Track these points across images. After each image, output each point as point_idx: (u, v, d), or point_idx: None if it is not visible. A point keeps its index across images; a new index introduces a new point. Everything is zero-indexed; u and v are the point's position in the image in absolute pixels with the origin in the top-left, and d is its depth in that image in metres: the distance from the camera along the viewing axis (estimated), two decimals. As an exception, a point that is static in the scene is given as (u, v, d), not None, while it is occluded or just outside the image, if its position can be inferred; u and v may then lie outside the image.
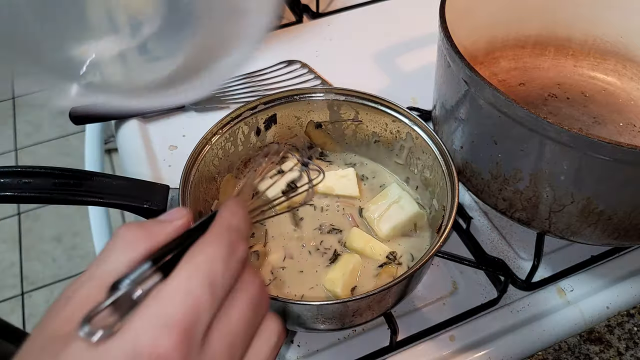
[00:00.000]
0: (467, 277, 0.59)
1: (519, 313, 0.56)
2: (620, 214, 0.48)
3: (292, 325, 0.49)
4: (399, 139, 0.58)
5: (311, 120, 0.61)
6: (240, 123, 0.58)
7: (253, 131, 0.59)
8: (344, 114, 0.60)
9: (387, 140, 0.60)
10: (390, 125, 0.58)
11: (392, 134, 0.59)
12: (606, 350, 0.54)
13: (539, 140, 0.46)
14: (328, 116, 0.60)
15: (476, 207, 0.66)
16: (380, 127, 0.60)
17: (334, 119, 0.60)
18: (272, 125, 0.60)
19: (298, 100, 0.59)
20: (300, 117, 0.60)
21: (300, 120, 0.61)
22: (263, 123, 0.59)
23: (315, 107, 0.60)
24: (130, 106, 0.35)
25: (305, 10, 0.95)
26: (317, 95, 0.59)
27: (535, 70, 0.72)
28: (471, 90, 0.49)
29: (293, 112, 0.60)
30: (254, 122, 0.59)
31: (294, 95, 0.59)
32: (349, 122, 0.60)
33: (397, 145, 0.59)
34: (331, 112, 0.60)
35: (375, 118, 0.59)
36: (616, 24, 0.68)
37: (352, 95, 0.58)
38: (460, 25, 0.54)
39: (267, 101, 0.58)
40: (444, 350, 0.54)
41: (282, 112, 0.59)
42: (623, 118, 0.67)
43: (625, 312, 0.57)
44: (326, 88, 0.59)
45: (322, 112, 0.60)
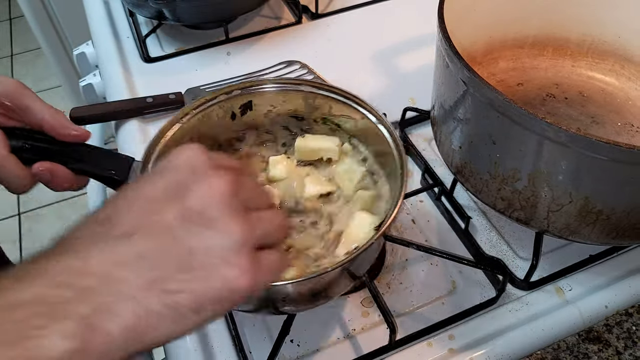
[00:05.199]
0: (465, 277, 0.60)
1: (517, 312, 0.57)
2: (619, 213, 0.48)
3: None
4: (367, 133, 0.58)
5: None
6: (214, 106, 0.58)
7: (228, 115, 0.60)
8: (318, 106, 0.60)
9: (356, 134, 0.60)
10: (360, 122, 0.58)
11: (359, 129, 0.59)
12: (605, 349, 0.54)
13: (537, 140, 0.46)
14: (303, 107, 0.60)
15: (475, 206, 0.66)
16: (351, 124, 0.60)
17: (308, 111, 0.61)
18: (248, 111, 0.60)
19: (274, 90, 0.59)
20: (276, 107, 0.61)
21: (276, 109, 0.61)
22: (239, 108, 0.60)
23: (290, 98, 0.60)
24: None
25: (305, 11, 0.95)
26: (292, 87, 0.59)
27: (534, 70, 0.72)
28: (470, 90, 0.50)
29: (269, 101, 0.60)
30: (229, 107, 0.59)
31: (269, 84, 0.59)
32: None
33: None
34: (306, 104, 0.60)
35: (347, 113, 0.59)
36: (614, 24, 0.68)
37: (327, 90, 0.58)
38: (458, 26, 0.54)
39: (243, 87, 0.59)
40: (443, 349, 0.54)
41: (257, 100, 0.60)
42: (621, 118, 0.67)
43: (623, 311, 0.57)
44: (302, 80, 0.59)
45: (297, 103, 0.60)
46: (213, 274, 0.31)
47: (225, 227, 0.32)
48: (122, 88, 0.82)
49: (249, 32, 0.92)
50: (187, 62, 0.87)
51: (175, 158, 0.35)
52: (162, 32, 0.92)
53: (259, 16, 0.96)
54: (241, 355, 0.54)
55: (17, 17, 2.76)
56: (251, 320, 0.57)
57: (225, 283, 0.31)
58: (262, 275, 0.33)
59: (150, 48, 0.89)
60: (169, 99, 0.77)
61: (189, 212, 0.32)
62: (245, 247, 0.32)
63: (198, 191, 0.33)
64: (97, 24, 0.95)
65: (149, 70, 0.86)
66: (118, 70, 0.85)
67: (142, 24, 0.94)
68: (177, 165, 0.35)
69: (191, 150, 0.35)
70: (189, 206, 0.32)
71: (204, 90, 0.80)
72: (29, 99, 0.50)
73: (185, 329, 0.31)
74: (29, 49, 2.60)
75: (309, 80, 0.59)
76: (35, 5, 1.65)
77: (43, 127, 0.50)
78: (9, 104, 0.50)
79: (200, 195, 0.33)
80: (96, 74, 0.94)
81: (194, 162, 0.34)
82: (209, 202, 0.32)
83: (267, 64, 0.84)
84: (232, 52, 0.88)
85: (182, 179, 0.33)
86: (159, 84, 0.81)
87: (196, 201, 0.32)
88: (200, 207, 0.32)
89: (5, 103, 0.50)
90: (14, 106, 0.50)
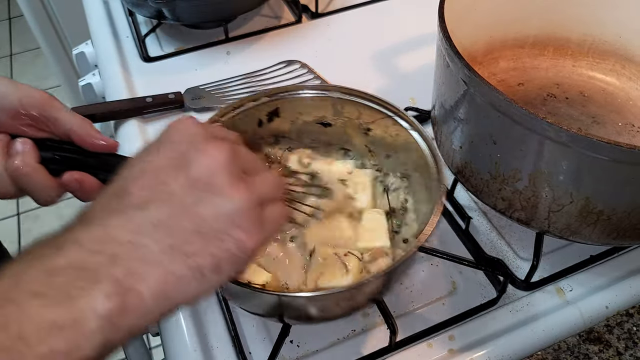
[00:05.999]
0: (466, 277, 0.59)
1: (518, 313, 0.56)
2: (619, 213, 0.48)
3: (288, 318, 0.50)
4: (397, 141, 0.58)
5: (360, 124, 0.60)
6: (241, 114, 0.58)
7: (255, 122, 0.59)
8: (347, 113, 0.59)
9: (385, 142, 0.60)
10: (391, 128, 0.58)
11: (392, 136, 0.59)
12: (605, 350, 0.54)
13: (537, 140, 0.46)
14: (331, 114, 0.60)
15: (475, 207, 0.66)
16: (381, 130, 0.59)
17: (336, 117, 0.60)
18: (275, 118, 0.60)
19: (301, 96, 0.59)
20: (303, 113, 0.60)
21: (302, 116, 0.61)
22: (265, 115, 0.59)
23: (318, 104, 0.60)
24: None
25: (305, 11, 0.95)
26: (321, 93, 0.59)
27: (534, 70, 0.72)
28: (470, 90, 0.49)
29: (296, 108, 0.60)
30: (256, 114, 0.59)
31: (297, 91, 0.59)
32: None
33: (393, 145, 0.59)
34: (334, 111, 0.60)
35: (378, 119, 0.59)
36: (615, 24, 0.68)
37: (356, 95, 0.58)
38: (459, 26, 0.54)
39: (270, 94, 0.58)
40: (443, 350, 0.54)
41: (285, 107, 0.59)
42: (622, 118, 0.67)
43: (624, 312, 0.57)
44: (331, 86, 0.59)
45: (325, 110, 0.60)
46: (224, 237, 0.34)
47: (229, 193, 0.35)
48: (122, 88, 0.82)
49: (248, 31, 0.92)
50: (186, 62, 0.87)
51: (172, 130, 0.38)
52: (161, 31, 0.92)
53: (259, 16, 0.96)
54: (241, 356, 0.53)
55: (17, 17, 2.76)
56: (251, 320, 0.56)
57: (236, 244, 0.34)
58: (267, 230, 0.37)
59: (149, 48, 0.89)
60: (168, 99, 0.77)
61: (194, 181, 0.35)
62: (249, 209, 0.35)
63: (200, 161, 0.35)
64: (96, 24, 0.95)
65: (149, 70, 0.86)
66: (117, 69, 0.85)
67: (141, 23, 0.94)
68: (175, 137, 0.37)
69: (186, 122, 0.38)
70: (193, 175, 0.35)
71: (204, 90, 0.80)
72: (58, 110, 0.50)
73: (209, 288, 0.34)
74: (28, 48, 2.59)
75: (338, 85, 0.59)
76: (34, 4, 1.64)
77: (72, 137, 0.50)
78: (37, 116, 0.50)
79: (203, 164, 0.35)
80: (95, 73, 0.94)
81: (191, 133, 0.37)
82: (212, 171, 0.35)
83: (267, 64, 0.84)
84: (232, 51, 0.88)
85: (183, 150, 0.36)
86: (159, 84, 0.81)
87: (199, 170, 0.35)
88: (204, 176, 0.35)
89: (33, 114, 0.50)
90: (42, 117, 0.50)
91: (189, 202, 0.34)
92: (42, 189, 0.49)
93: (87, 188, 0.50)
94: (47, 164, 0.49)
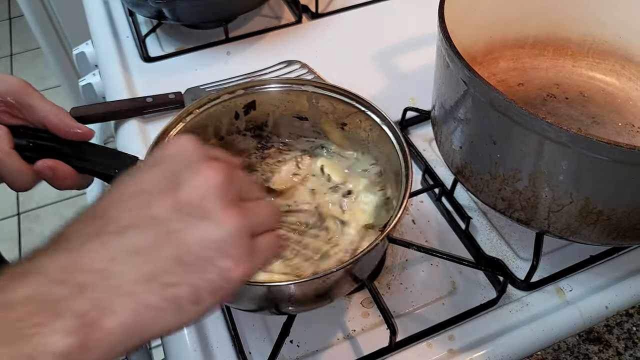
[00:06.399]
0: (466, 277, 0.59)
1: (517, 313, 0.56)
2: (619, 213, 0.48)
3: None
4: (371, 135, 0.58)
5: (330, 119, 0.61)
6: (217, 106, 0.58)
7: (232, 114, 0.59)
8: (322, 108, 0.60)
9: (360, 137, 0.60)
10: (364, 122, 0.58)
11: (366, 131, 0.59)
12: (605, 350, 0.54)
13: (537, 140, 0.46)
14: (307, 108, 0.60)
15: (475, 207, 0.66)
16: (355, 124, 0.59)
17: (312, 112, 0.60)
18: (251, 110, 0.60)
19: (277, 89, 0.59)
20: (279, 106, 0.60)
21: (279, 109, 0.61)
22: (242, 108, 0.60)
23: (294, 98, 0.60)
24: None
25: (305, 11, 0.95)
26: (296, 87, 0.59)
27: (534, 70, 0.72)
28: (470, 90, 0.49)
29: (272, 101, 0.60)
30: (232, 106, 0.59)
31: (272, 84, 0.59)
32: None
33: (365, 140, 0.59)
34: (310, 105, 0.60)
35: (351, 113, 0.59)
36: (615, 24, 0.68)
37: (329, 90, 0.58)
38: (459, 26, 0.54)
39: (246, 87, 0.59)
40: (442, 350, 0.54)
41: (261, 99, 0.60)
42: (622, 118, 0.67)
43: (624, 312, 0.57)
44: (305, 80, 0.59)
45: (300, 104, 0.60)
46: (209, 266, 0.32)
47: (220, 218, 0.32)
48: (122, 88, 0.82)
49: (249, 31, 0.92)
50: (186, 62, 0.87)
51: (168, 149, 0.36)
52: (161, 31, 0.92)
53: (259, 16, 0.96)
54: (241, 356, 0.53)
55: (17, 17, 2.76)
56: (251, 320, 0.56)
57: (221, 274, 0.32)
58: (257, 261, 0.35)
59: (149, 48, 0.89)
60: (168, 99, 0.77)
61: (182, 204, 0.32)
62: (240, 237, 0.33)
63: (192, 182, 0.33)
64: (96, 24, 0.95)
65: (149, 70, 0.86)
66: (118, 69, 0.85)
67: (141, 23, 0.94)
68: (170, 156, 0.35)
69: (184, 141, 0.36)
70: (183, 198, 0.32)
71: (204, 90, 0.80)
72: (33, 97, 0.50)
73: (185, 321, 0.32)
74: (28, 48, 2.59)
75: (312, 80, 0.59)
76: (34, 5, 1.64)
77: (46, 125, 0.50)
78: (13, 102, 0.50)
79: (195, 186, 0.33)
80: (96, 73, 0.94)
81: (187, 153, 0.35)
82: (204, 194, 0.33)
83: (267, 64, 0.84)
84: (232, 51, 0.88)
85: (176, 170, 0.34)
86: (159, 84, 0.81)
87: (190, 192, 0.33)
88: (194, 199, 0.32)
89: (9, 101, 0.50)
90: (17, 104, 0.50)
91: (174, 227, 0.32)
92: (16, 174, 0.49)
93: (60, 175, 0.50)
94: (21, 151, 0.49)
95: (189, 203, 0.32)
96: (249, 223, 0.34)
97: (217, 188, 0.33)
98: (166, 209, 0.32)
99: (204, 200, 0.33)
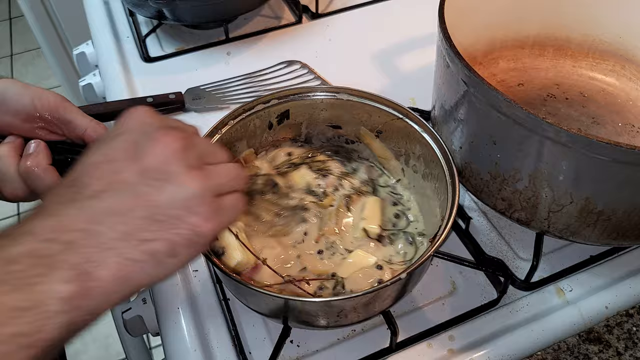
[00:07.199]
0: (466, 277, 0.59)
1: (518, 313, 0.56)
2: (619, 214, 0.48)
3: (292, 321, 0.50)
4: (408, 141, 0.59)
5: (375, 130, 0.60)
6: (252, 116, 0.58)
7: (265, 125, 0.60)
8: (357, 116, 0.59)
9: (397, 143, 0.60)
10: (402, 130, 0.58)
11: (403, 138, 0.59)
12: (605, 350, 0.54)
13: (537, 140, 0.46)
14: (342, 116, 0.60)
15: (475, 207, 0.66)
16: (392, 132, 0.59)
17: (346, 120, 0.60)
18: (285, 120, 0.60)
19: (311, 98, 0.59)
20: (313, 115, 0.60)
21: (312, 118, 0.61)
22: (276, 118, 0.60)
23: (327, 106, 0.60)
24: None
25: (305, 11, 0.95)
26: (330, 95, 0.59)
27: (534, 70, 0.72)
28: (470, 90, 0.49)
29: (306, 110, 0.60)
30: (266, 116, 0.59)
31: (307, 93, 0.59)
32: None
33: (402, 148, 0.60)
34: (344, 113, 0.60)
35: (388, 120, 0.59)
36: (615, 25, 0.68)
37: (365, 97, 0.58)
38: (459, 26, 0.54)
39: (280, 96, 0.58)
40: (442, 350, 0.54)
41: (295, 109, 0.60)
42: (622, 118, 0.67)
43: (624, 312, 0.57)
44: (340, 88, 0.59)
45: (335, 112, 0.60)
46: (180, 223, 0.35)
47: (183, 180, 0.36)
48: (122, 88, 0.82)
49: (249, 32, 0.92)
50: (187, 62, 0.87)
51: (128, 121, 0.39)
52: (162, 32, 0.92)
53: (259, 16, 0.96)
54: (241, 356, 0.53)
55: (17, 17, 2.76)
56: (251, 320, 0.56)
57: (192, 229, 0.35)
58: (223, 218, 0.38)
59: (150, 48, 0.89)
60: (169, 99, 0.77)
61: (147, 169, 0.36)
62: (204, 196, 0.36)
63: (153, 149, 0.36)
64: (97, 24, 0.95)
65: (149, 70, 0.86)
66: (118, 70, 0.85)
67: (142, 23, 0.94)
68: (130, 127, 0.38)
69: (141, 112, 0.39)
70: (147, 164, 0.36)
71: (204, 90, 0.80)
72: (71, 112, 0.51)
73: (167, 271, 0.36)
74: (28, 48, 2.59)
75: (347, 87, 0.59)
76: (35, 5, 1.64)
77: (86, 141, 0.51)
78: (50, 119, 0.50)
79: (156, 152, 0.36)
80: (96, 73, 0.94)
81: (144, 122, 0.38)
82: (165, 159, 0.36)
83: (268, 64, 0.84)
84: (232, 52, 0.88)
85: (137, 139, 0.37)
86: (159, 84, 0.81)
87: (153, 159, 0.36)
88: (157, 164, 0.36)
89: (46, 117, 0.50)
90: (55, 120, 0.50)
91: (143, 190, 0.35)
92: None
93: None
94: (59, 167, 0.49)
95: (154, 168, 0.36)
96: (212, 183, 0.37)
97: (177, 153, 0.36)
98: (134, 174, 0.35)
99: (166, 164, 0.36)
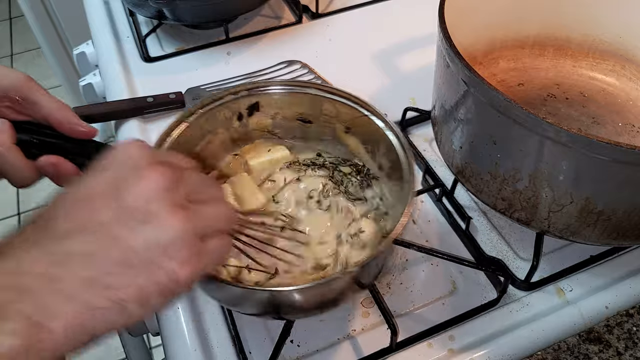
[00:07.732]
0: (466, 277, 0.59)
1: (518, 313, 0.56)
2: (619, 213, 0.48)
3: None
4: (374, 139, 0.58)
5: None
6: (221, 106, 0.58)
7: (235, 116, 0.59)
8: (326, 111, 0.59)
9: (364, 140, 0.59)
10: (367, 127, 0.57)
11: (369, 135, 0.58)
12: (605, 350, 0.54)
13: (538, 140, 0.46)
14: (311, 111, 0.60)
15: (475, 207, 0.66)
16: (359, 128, 0.59)
17: (315, 114, 0.60)
18: (255, 112, 0.60)
19: (280, 91, 0.59)
20: (283, 109, 0.60)
21: (282, 111, 0.61)
22: (245, 109, 0.59)
23: (297, 100, 0.59)
24: None
25: (305, 11, 0.95)
26: (299, 89, 0.59)
27: (534, 70, 0.72)
28: (470, 90, 0.49)
29: (276, 103, 0.60)
30: (236, 107, 0.59)
31: (275, 86, 0.59)
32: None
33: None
34: (313, 107, 0.60)
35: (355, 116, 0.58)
36: (615, 25, 0.68)
37: (333, 93, 0.58)
38: (459, 26, 0.54)
39: (250, 88, 0.58)
40: (442, 349, 0.54)
41: (265, 101, 0.59)
42: (622, 118, 0.67)
43: (624, 312, 0.57)
44: (308, 83, 0.59)
45: (304, 106, 0.60)
46: (155, 268, 0.32)
47: (164, 222, 0.33)
48: (122, 88, 0.82)
49: (249, 32, 0.92)
50: (187, 62, 0.87)
51: (116, 155, 0.36)
52: (162, 31, 0.92)
53: (259, 16, 0.96)
54: (241, 356, 0.54)
55: (17, 17, 2.76)
56: (251, 321, 0.57)
57: (167, 275, 0.33)
58: (205, 262, 0.35)
59: (150, 48, 0.89)
60: (169, 99, 0.77)
61: (128, 208, 0.33)
62: (184, 239, 0.33)
63: (137, 187, 0.34)
64: (97, 24, 0.95)
65: (149, 70, 0.86)
66: (118, 69, 0.85)
67: (142, 23, 0.94)
68: (117, 162, 0.36)
69: (132, 146, 0.36)
70: (127, 202, 0.33)
71: (205, 90, 0.80)
72: (37, 93, 0.50)
73: (133, 319, 0.33)
74: (29, 48, 2.59)
75: (316, 83, 0.59)
76: (35, 5, 1.65)
77: (50, 122, 0.50)
78: (16, 98, 0.50)
79: (139, 190, 0.33)
80: (96, 73, 0.94)
81: (134, 158, 0.35)
82: (147, 197, 0.33)
83: (268, 64, 0.84)
84: (233, 51, 0.88)
85: (122, 175, 0.34)
86: (159, 84, 0.81)
87: (134, 197, 0.33)
88: (139, 203, 0.33)
89: (13, 97, 0.50)
90: (21, 100, 0.50)
91: (119, 231, 0.32)
92: (17, 170, 0.49)
93: (62, 172, 0.50)
94: (24, 147, 0.49)
95: (135, 207, 0.33)
96: (196, 225, 0.34)
97: (162, 191, 0.34)
98: (111, 214, 0.33)
99: (149, 203, 0.33)
